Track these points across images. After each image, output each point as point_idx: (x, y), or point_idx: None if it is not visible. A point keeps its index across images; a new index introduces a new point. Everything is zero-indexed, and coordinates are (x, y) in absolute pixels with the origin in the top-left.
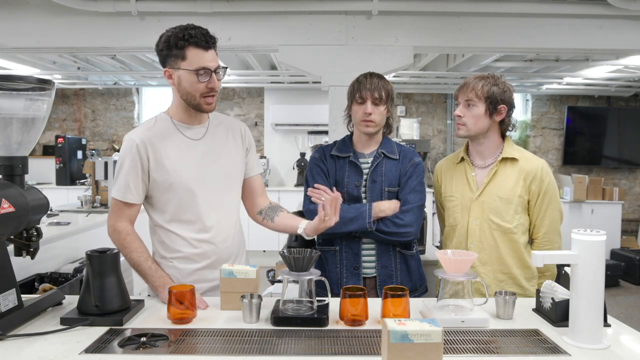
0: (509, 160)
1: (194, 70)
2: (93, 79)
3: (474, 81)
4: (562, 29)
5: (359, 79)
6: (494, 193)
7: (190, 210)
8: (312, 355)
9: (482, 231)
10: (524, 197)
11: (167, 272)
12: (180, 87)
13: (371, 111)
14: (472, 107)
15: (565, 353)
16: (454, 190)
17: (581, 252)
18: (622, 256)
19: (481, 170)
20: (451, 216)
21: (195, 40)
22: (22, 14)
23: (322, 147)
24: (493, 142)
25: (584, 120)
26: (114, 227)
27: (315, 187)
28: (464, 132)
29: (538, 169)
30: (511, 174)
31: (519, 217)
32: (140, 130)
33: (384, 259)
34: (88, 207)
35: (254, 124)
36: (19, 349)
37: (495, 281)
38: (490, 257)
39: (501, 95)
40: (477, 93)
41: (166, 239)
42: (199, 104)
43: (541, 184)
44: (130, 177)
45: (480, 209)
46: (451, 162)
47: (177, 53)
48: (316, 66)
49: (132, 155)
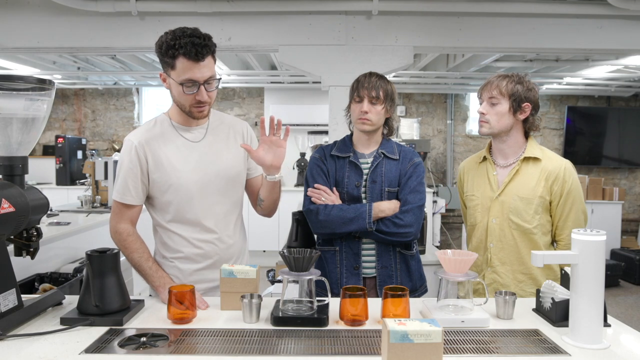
0: (531, 160)
1: (179, 82)
2: (93, 79)
3: (498, 79)
4: (562, 29)
5: (358, 78)
6: (514, 192)
7: (190, 211)
8: (312, 355)
9: (502, 230)
10: (545, 197)
11: (168, 272)
12: (172, 94)
13: (367, 110)
14: (495, 105)
15: (565, 353)
16: (475, 190)
17: (581, 252)
18: (622, 256)
19: (503, 170)
20: (472, 215)
21: (185, 52)
22: (22, 14)
23: (322, 147)
24: (516, 141)
25: (584, 120)
26: (115, 228)
27: (315, 187)
28: (486, 129)
29: (561, 169)
30: (533, 174)
31: (539, 217)
32: (140, 131)
33: (384, 259)
34: (88, 207)
35: (254, 124)
36: (19, 349)
37: (515, 281)
38: (509, 257)
39: (525, 93)
40: (501, 90)
41: (167, 239)
42: (190, 112)
43: (564, 185)
44: (129, 179)
45: (500, 208)
46: (474, 161)
47: (167, 61)
48: (316, 66)
49: (130, 156)
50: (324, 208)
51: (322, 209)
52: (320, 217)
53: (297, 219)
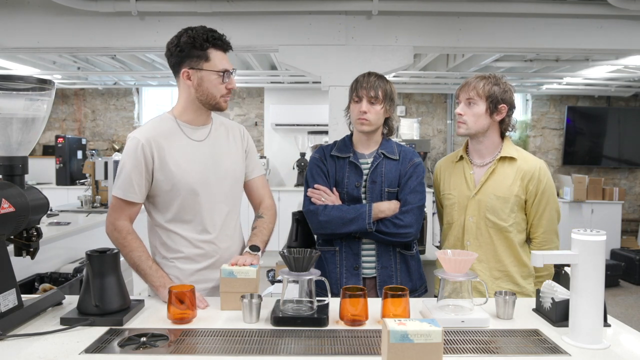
0: (507, 160)
1: (218, 71)
2: (93, 79)
3: (476, 80)
4: (562, 29)
5: (357, 78)
6: (491, 191)
7: (192, 211)
8: (312, 355)
9: (479, 229)
10: (520, 196)
11: (168, 272)
12: (201, 87)
13: (366, 109)
14: (473, 106)
15: (565, 353)
16: (452, 188)
17: (581, 252)
18: (622, 256)
19: (479, 169)
20: (449, 214)
21: (219, 43)
22: (22, 14)
23: (322, 147)
24: (492, 141)
25: (584, 120)
26: (114, 225)
27: (315, 188)
28: (464, 130)
29: (536, 169)
30: (509, 173)
31: (514, 215)
32: (146, 129)
33: (384, 259)
34: (88, 207)
35: (254, 124)
36: (19, 349)
37: (492, 278)
38: (486, 254)
39: (502, 94)
40: (479, 92)
41: (167, 240)
42: (217, 103)
43: (539, 184)
44: (134, 176)
45: (476, 206)
46: (450, 160)
47: (199, 54)
48: (316, 66)
49: (136, 154)
50: (323, 208)
51: (322, 210)
52: (320, 217)
53: (297, 219)
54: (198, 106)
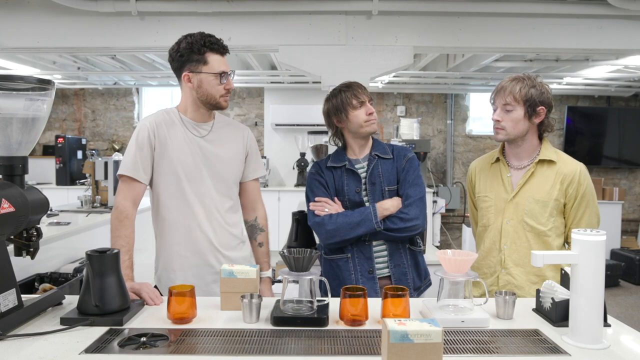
0: (546, 162)
1: (216, 73)
2: (93, 79)
3: (511, 84)
4: (562, 29)
5: (340, 92)
6: (529, 195)
7: (189, 205)
8: (312, 355)
9: (516, 232)
10: (560, 200)
11: (168, 261)
12: (201, 89)
13: (372, 110)
14: (510, 112)
15: (565, 353)
16: (489, 191)
17: (581, 252)
18: (622, 256)
19: (517, 172)
20: (485, 216)
21: (215, 47)
22: (22, 14)
23: (317, 162)
24: (531, 144)
25: (584, 120)
26: (119, 203)
27: (316, 200)
28: (503, 136)
29: (576, 172)
30: (548, 177)
31: (553, 220)
32: (153, 116)
33: (395, 258)
34: (88, 207)
35: (254, 124)
36: (19, 349)
37: (529, 283)
38: (523, 258)
39: (539, 97)
40: (515, 96)
41: (161, 227)
42: (217, 102)
43: (579, 188)
44: (138, 156)
45: (514, 210)
46: (486, 162)
47: (198, 58)
48: (316, 66)
49: (142, 136)
50: (329, 218)
51: (328, 219)
52: (328, 226)
53: (297, 219)
54: (199, 106)
